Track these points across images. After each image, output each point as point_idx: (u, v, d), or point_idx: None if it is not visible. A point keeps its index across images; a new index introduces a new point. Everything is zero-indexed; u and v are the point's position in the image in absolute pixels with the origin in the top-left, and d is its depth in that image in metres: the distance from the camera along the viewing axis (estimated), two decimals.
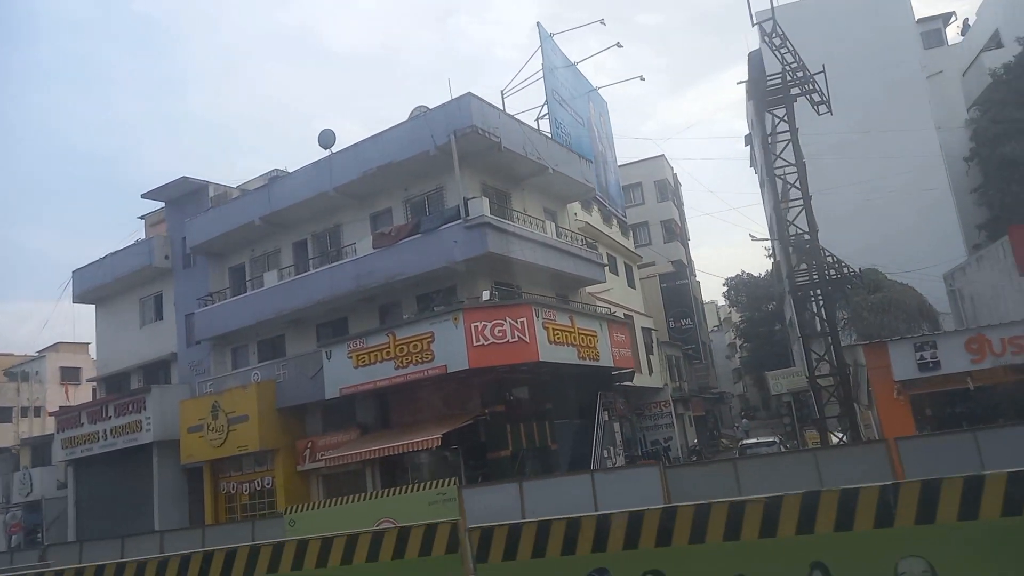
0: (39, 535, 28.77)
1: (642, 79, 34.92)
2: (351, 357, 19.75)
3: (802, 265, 18.59)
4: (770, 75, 19.56)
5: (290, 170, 25.13)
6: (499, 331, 17.85)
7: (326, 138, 22.53)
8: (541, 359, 18.24)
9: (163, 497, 24.73)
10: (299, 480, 22.49)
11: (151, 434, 24.49)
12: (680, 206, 58.06)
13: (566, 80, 30.46)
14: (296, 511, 13.19)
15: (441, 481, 13.45)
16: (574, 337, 20.07)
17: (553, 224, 22.63)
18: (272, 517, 18.46)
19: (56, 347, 54.94)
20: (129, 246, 28.23)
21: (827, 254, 17.59)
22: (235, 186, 27.93)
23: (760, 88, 41.18)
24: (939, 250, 30.91)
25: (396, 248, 20.55)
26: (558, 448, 21.44)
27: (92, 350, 55.55)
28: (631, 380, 24.73)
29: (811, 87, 18.55)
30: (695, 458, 31.39)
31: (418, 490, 12.71)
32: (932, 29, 40.28)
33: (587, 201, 28.82)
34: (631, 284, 33.71)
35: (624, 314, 28.25)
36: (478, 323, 17.80)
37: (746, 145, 54.16)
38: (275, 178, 23.91)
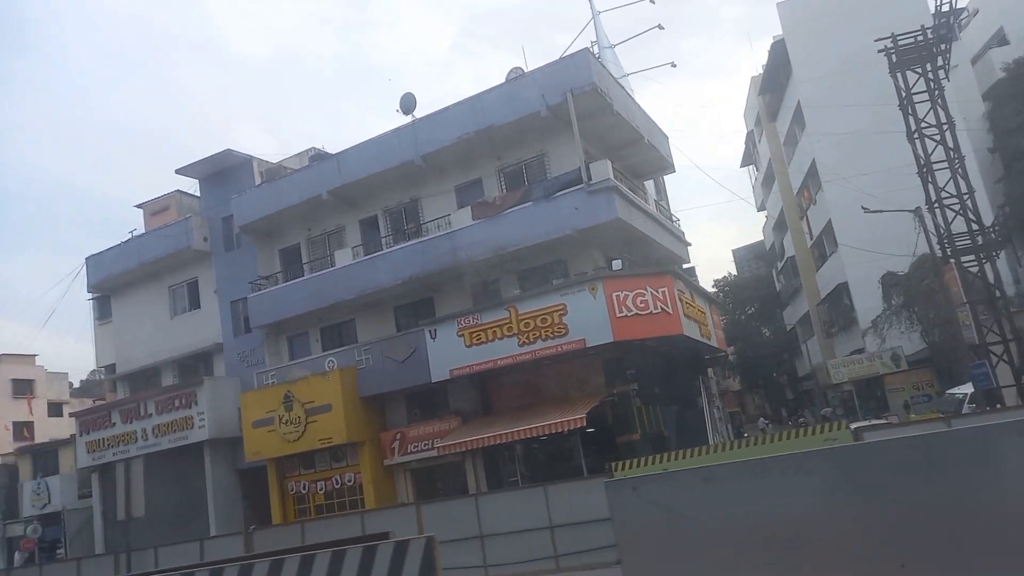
0: (59, 550, 25.84)
1: (673, 65, 34.27)
2: (462, 336, 18.10)
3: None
4: (903, 34, 18.88)
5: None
6: (641, 301, 16.54)
7: (407, 103, 20.86)
8: (684, 332, 16.99)
9: (218, 502, 22.41)
10: (384, 476, 20.58)
11: (205, 431, 22.16)
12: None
13: (611, 61, 29.48)
14: (625, 468, 11.48)
15: (829, 424, 11.99)
16: (696, 313, 18.91)
17: (654, 198, 21.47)
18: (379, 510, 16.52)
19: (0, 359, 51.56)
20: (160, 228, 25.74)
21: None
22: (275, 161, 25.83)
23: (778, 78, 41.14)
24: None
25: (500, 219, 19.01)
26: (668, 435, 20.20)
27: (40, 362, 52.49)
28: (721, 364, 23.70)
29: (947, 48, 17.97)
30: None
31: (793, 436, 11.15)
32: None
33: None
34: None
35: None
36: (619, 293, 16.44)
37: (746, 143, 54.28)
38: (344, 150, 21.93)
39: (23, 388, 53.20)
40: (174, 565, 6.87)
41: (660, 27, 31.13)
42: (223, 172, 24.91)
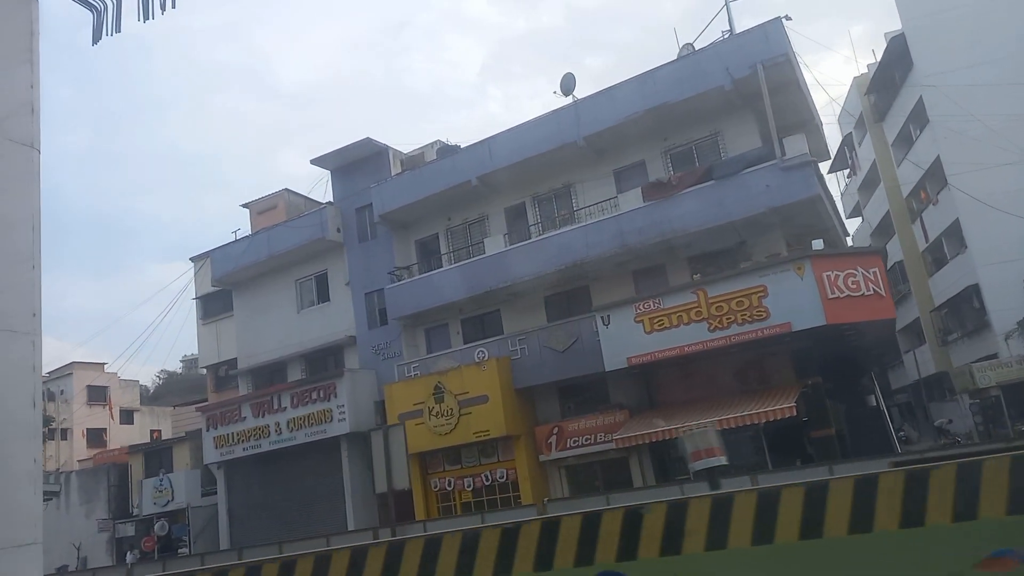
0: (181, 548, 25.31)
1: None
2: (640, 321, 17.05)
3: None
4: None
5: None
6: (852, 283, 15.33)
7: (567, 83, 20.07)
8: (896, 316, 15.70)
9: (356, 498, 21.59)
10: (538, 472, 19.55)
11: (345, 424, 21.41)
12: None
13: None
14: None
15: None
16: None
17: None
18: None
19: (72, 367, 52.27)
20: (293, 220, 25.27)
21: None
22: (407, 152, 25.21)
23: (891, 76, 39.56)
24: None
25: (674, 201, 17.99)
26: (844, 432, 18.82)
27: (110, 369, 53.03)
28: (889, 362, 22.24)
29: None
30: None
31: None
32: None
33: None
34: None
35: None
36: (830, 273, 15.25)
37: (841, 146, 52.49)
38: (496, 134, 21.14)
39: (96, 395, 54.01)
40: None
41: (787, 17, 29.91)
42: (357, 163, 24.39)
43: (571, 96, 20.08)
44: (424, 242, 23.44)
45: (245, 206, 29.94)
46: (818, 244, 16.40)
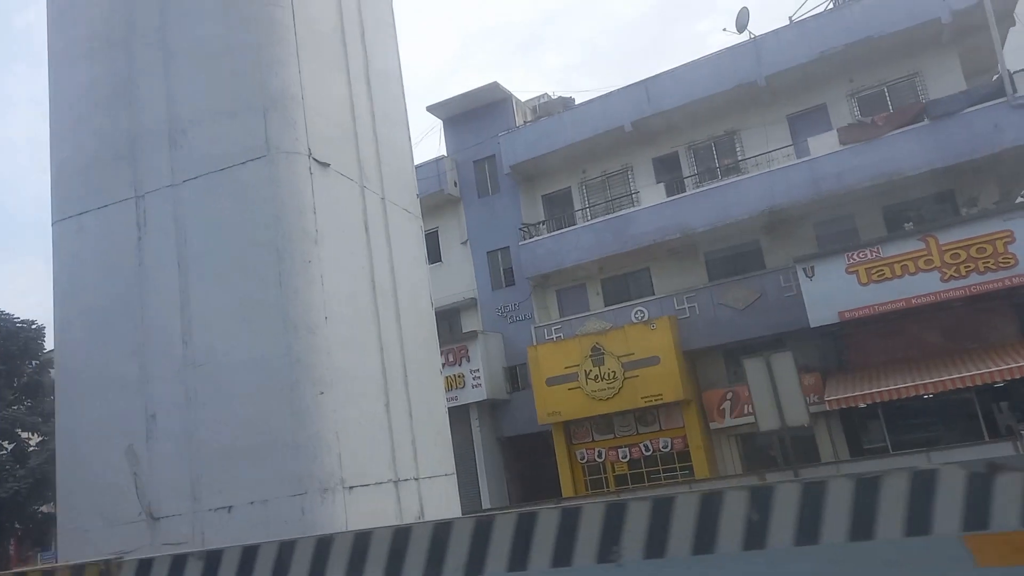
0: None
1: None
2: (854, 272, 15.50)
3: None
4: None
5: None
6: None
7: (742, 19, 18.42)
8: None
9: (490, 474, 19.84)
10: (708, 442, 17.96)
11: (482, 390, 19.61)
12: None
13: None
14: None
15: None
16: None
17: None
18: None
19: None
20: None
21: None
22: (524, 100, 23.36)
23: None
24: None
25: (881, 144, 16.44)
26: None
27: None
28: None
29: None
30: None
31: None
32: None
33: None
34: None
35: None
36: None
37: None
38: (656, 75, 19.34)
39: None
40: None
41: None
42: (475, 111, 22.50)
43: (746, 32, 18.45)
44: (552, 197, 21.68)
45: None
46: None
